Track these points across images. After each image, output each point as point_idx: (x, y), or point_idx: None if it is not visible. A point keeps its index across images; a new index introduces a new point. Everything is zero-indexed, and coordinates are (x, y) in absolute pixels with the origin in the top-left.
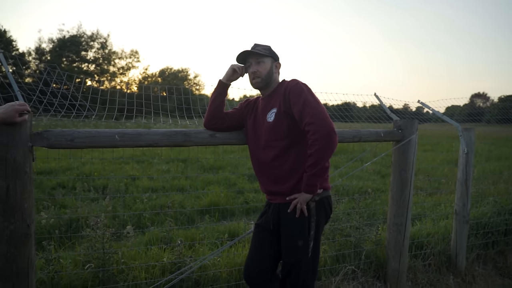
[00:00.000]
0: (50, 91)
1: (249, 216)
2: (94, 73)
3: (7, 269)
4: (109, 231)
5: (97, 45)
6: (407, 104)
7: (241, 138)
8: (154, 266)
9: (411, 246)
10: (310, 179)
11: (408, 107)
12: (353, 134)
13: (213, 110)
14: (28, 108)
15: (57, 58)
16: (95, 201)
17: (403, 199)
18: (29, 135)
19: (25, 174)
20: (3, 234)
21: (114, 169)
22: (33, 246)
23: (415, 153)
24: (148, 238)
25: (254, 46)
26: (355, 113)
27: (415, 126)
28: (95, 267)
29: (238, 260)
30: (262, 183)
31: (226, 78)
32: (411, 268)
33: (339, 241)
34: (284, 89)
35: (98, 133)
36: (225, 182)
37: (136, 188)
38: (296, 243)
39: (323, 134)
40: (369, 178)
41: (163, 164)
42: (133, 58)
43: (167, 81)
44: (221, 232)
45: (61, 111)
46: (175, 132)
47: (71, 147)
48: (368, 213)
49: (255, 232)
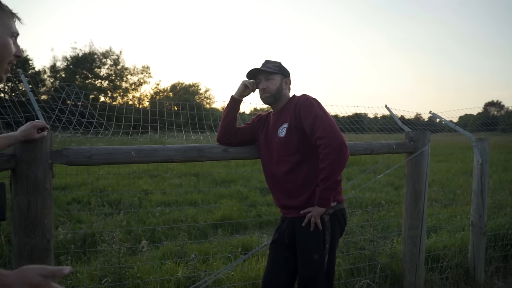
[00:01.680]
0: (69, 109)
1: (262, 229)
2: (107, 89)
3: None
4: (125, 246)
5: (110, 62)
6: (419, 115)
7: (254, 152)
8: (169, 280)
9: (427, 259)
10: (323, 193)
11: (420, 117)
12: (365, 147)
13: (226, 125)
14: (46, 125)
15: (71, 76)
16: (110, 216)
17: (417, 211)
18: (49, 153)
19: (45, 190)
20: (24, 249)
21: (128, 184)
22: (52, 261)
23: (428, 164)
24: (162, 252)
25: (265, 63)
26: (366, 125)
27: (427, 137)
28: (111, 282)
29: (252, 274)
30: (276, 197)
31: (238, 94)
32: (427, 281)
33: (354, 254)
34: (294, 104)
35: (115, 150)
36: (238, 196)
37: (150, 203)
38: (312, 257)
39: (334, 148)
40: (382, 190)
41: (175, 178)
42: (144, 73)
43: (178, 96)
44: (234, 246)
45: (79, 128)
46: (189, 148)
47: (89, 164)
48: (382, 225)
49: (271, 248)
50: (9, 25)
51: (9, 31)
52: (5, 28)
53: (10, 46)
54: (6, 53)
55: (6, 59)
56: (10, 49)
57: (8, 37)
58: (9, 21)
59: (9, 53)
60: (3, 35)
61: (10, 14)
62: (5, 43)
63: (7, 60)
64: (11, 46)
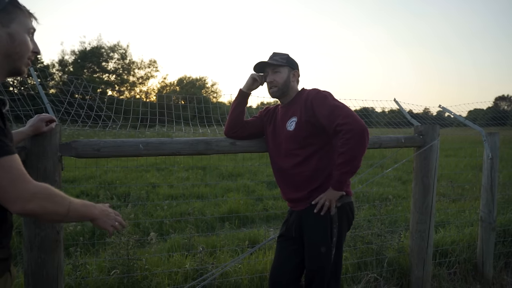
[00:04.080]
0: (77, 102)
1: (269, 223)
2: (114, 83)
3: (38, 274)
4: (133, 238)
5: (117, 56)
6: (428, 109)
7: (262, 145)
8: (177, 272)
9: (435, 253)
10: (342, 176)
11: (428, 112)
12: (373, 141)
13: (234, 118)
14: (54, 117)
15: (79, 69)
16: (118, 208)
17: (425, 206)
18: (58, 146)
19: (55, 182)
20: (34, 241)
21: (135, 177)
22: (62, 252)
23: (437, 159)
24: (170, 245)
25: (272, 55)
26: (374, 118)
27: (436, 131)
28: (120, 273)
29: (259, 267)
30: (283, 191)
31: (246, 87)
32: (435, 276)
33: (361, 249)
34: (305, 98)
35: (124, 143)
36: (244, 189)
37: (157, 196)
38: (319, 250)
39: (357, 133)
40: (390, 184)
41: (182, 172)
42: (152, 67)
43: (185, 90)
44: (241, 239)
45: (88, 122)
46: (197, 141)
47: (97, 157)
48: (389, 220)
49: (278, 242)
50: (27, 23)
51: (26, 29)
52: (23, 26)
53: (29, 42)
54: (25, 49)
55: (26, 54)
56: (28, 46)
57: (26, 34)
58: (26, 19)
59: (28, 49)
60: (22, 32)
61: (27, 14)
62: (24, 40)
63: (27, 56)
64: (29, 43)
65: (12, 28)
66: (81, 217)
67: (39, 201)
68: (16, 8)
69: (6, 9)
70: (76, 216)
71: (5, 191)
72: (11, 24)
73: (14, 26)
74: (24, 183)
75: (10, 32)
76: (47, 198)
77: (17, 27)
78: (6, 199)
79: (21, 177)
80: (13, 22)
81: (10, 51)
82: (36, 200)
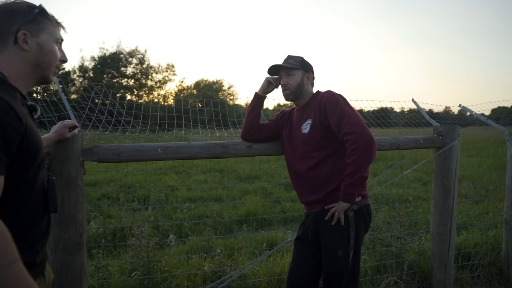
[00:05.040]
0: (98, 108)
1: (287, 225)
2: (133, 88)
3: (62, 275)
4: (153, 241)
5: (136, 61)
6: (448, 108)
7: (278, 148)
8: (196, 274)
9: (457, 256)
10: (348, 188)
11: (449, 111)
12: (391, 142)
13: (250, 122)
14: (76, 123)
15: (99, 75)
16: (138, 211)
17: (446, 208)
18: (80, 151)
19: (78, 186)
20: (59, 243)
21: (155, 180)
22: (85, 254)
23: (458, 160)
24: (189, 247)
25: (287, 58)
26: (392, 120)
27: (456, 131)
28: (140, 275)
29: (277, 269)
30: (300, 193)
31: (261, 90)
32: (458, 280)
33: (380, 251)
34: (319, 101)
35: (143, 147)
36: (262, 192)
37: (176, 198)
38: (336, 253)
39: (362, 144)
40: (410, 186)
41: (200, 175)
42: (169, 71)
43: (202, 93)
44: (259, 241)
45: (108, 127)
46: (214, 145)
47: (118, 161)
48: (409, 222)
49: (296, 244)
50: (55, 33)
51: (54, 38)
52: (51, 36)
53: (56, 52)
54: (53, 58)
55: (54, 63)
56: (56, 55)
57: (54, 44)
58: (54, 29)
59: (56, 58)
60: (50, 42)
61: (55, 23)
62: (52, 49)
63: (55, 64)
64: (57, 52)
65: (41, 38)
66: None
67: None
68: (45, 18)
69: (36, 19)
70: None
71: None
72: (40, 34)
73: (43, 36)
74: None
75: (39, 42)
76: None
77: (46, 37)
78: None
79: None
80: (42, 32)
81: (39, 60)
82: None
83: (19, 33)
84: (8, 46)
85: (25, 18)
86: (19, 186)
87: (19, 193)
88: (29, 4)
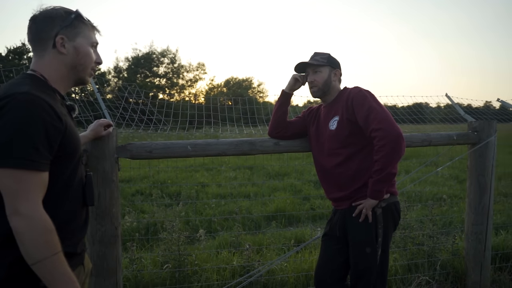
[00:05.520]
0: (131, 107)
1: (316, 222)
2: (165, 87)
3: (99, 266)
4: (184, 235)
5: (167, 60)
6: (489, 103)
7: (305, 145)
8: (225, 268)
9: (494, 257)
10: (376, 185)
11: (490, 106)
12: (423, 138)
13: (277, 119)
14: (111, 122)
15: (133, 75)
16: (170, 206)
17: (482, 206)
18: (115, 148)
19: (113, 182)
20: (96, 235)
21: (186, 177)
22: (120, 247)
23: (495, 156)
24: (218, 242)
25: (313, 55)
26: (428, 115)
27: (493, 127)
28: (172, 268)
29: (305, 266)
30: (327, 190)
31: (288, 88)
32: (495, 281)
33: (411, 250)
34: (346, 97)
35: (173, 144)
36: (291, 189)
37: (206, 195)
38: (364, 250)
39: (391, 140)
40: (445, 183)
41: (230, 172)
42: (200, 70)
43: (232, 91)
44: (287, 238)
45: (141, 125)
46: (242, 142)
47: (149, 158)
48: (444, 221)
49: (323, 241)
50: (90, 36)
51: (89, 42)
52: (87, 39)
53: (92, 54)
54: (89, 60)
55: (89, 65)
56: (91, 57)
57: (89, 47)
58: (89, 33)
59: (91, 60)
60: (85, 45)
61: (90, 27)
62: (88, 52)
63: (90, 66)
64: (92, 55)
65: (77, 41)
66: (48, 279)
67: (25, 224)
68: (81, 23)
69: (72, 24)
70: (44, 273)
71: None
72: (77, 38)
73: (79, 39)
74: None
75: (76, 46)
76: (35, 228)
77: (82, 40)
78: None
79: (25, 194)
80: (78, 36)
81: (76, 62)
82: (23, 220)
83: (57, 38)
84: (47, 50)
85: (62, 23)
86: (60, 181)
87: (60, 188)
88: (67, 10)
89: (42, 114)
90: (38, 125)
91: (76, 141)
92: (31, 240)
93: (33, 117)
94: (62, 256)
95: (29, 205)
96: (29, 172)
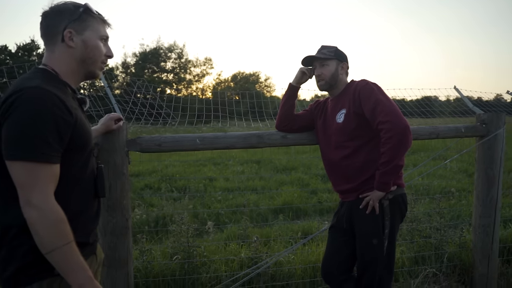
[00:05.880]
0: (140, 102)
1: (323, 216)
2: (172, 82)
3: (111, 256)
4: (192, 227)
5: (174, 56)
6: (500, 95)
7: (312, 138)
8: (233, 260)
9: (503, 250)
10: (383, 177)
11: (501, 98)
12: (430, 131)
13: (284, 112)
14: (121, 116)
15: (140, 70)
16: (178, 200)
17: (490, 199)
18: (125, 142)
19: (123, 175)
20: (107, 227)
21: (194, 171)
22: (131, 238)
23: (503, 149)
24: (226, 234)
25: (320, 49)
26: (437, 108)
27: (502, 119)
28: (181, 259)
29: (312, 258)
30: (334, 182)
31: (295, 81)
32: (503, 274)
33: (418, 242)
34: (353, 90)
35: (182, 138)
36: (298, 183)
37: (214, 188)
38: (371, 241)
39: (397, 132)
40: (454, 177)
41: (238, 166)
42: (207, 65)
43: (239, 85)
44: (294, 231)
45: (150, 119)
46: (249, 135)
47: (159, 151)
48: (452, 214)
49: (330, 233)
50: (99, 30)
51: (98, 35)
52: (96, 33)
53: (101, 47)
54: (98, 53)
55: (99, 58)
56: (101, 50)
57: (98, 40)
58: (98, 26)
59: (100, 53)
60: (94, 38)
61: (100, 21)
62: (97, 45)
63: (100, 60)
64: (101, 48)
65: (86, 35)
66: (62, 268)
67: (37, 215)
68: (90, 17)
69: (81, 18)
70: (58, 261)
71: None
72: (85, 31)
73: (88, 33)
74: (36, 191)
75: (84, 39)
76: (47, 218)
77: (90, 33)
78: (20, 197)
79: (37, 186)
80: (87, 29)
81: (84, 56)
82: (36, 211)
83: (65, 32)
84: (57, 44)
85: (70, 17)
86: (72, 173)
87: (72, 180)
88: (75, 4)
89: (52, 108)
90: (48, 119)
91: (87, 134)
92: (44, 230)
93: (43, 111)
94: (74, 246)
95: (41, 197)
96: (40, 165)
